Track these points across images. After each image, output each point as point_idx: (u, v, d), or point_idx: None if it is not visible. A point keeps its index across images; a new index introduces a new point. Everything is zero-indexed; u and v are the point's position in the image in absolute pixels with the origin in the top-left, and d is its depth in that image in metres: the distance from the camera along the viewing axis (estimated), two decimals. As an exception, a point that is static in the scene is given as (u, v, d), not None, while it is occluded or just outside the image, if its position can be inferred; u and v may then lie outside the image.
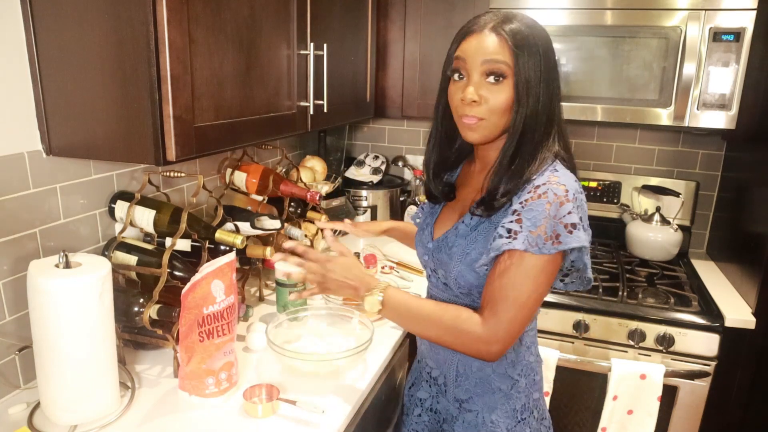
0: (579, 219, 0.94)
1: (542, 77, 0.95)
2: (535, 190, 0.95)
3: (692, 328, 1.69)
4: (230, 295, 1.11)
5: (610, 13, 1.76)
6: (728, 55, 1.68)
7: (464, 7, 1.92)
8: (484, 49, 0.95)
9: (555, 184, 0.94)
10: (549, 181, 0.95)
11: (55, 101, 1.07)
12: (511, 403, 1.10)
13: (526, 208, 0.95)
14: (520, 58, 0.93)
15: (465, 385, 1.12)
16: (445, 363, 1.14)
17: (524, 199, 0.95)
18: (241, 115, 1.19)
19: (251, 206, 1.68)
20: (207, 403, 1.11)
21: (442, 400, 1.19)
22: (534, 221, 0.93)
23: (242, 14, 1.15)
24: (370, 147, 2.58)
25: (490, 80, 0.95)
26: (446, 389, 1.16)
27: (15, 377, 1.14)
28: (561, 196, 0.93)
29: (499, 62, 0.94)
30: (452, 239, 1.07)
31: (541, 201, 0.94)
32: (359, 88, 1.89)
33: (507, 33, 0.94)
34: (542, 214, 0.93)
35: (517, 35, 0.94)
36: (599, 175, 2.26)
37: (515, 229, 0.95)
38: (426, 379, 1.22)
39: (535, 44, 0.94)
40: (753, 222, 1.81)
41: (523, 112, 0.95)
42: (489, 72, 0.95)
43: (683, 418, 1.75)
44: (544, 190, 0.94)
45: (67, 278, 0.95)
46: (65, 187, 1.19)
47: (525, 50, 0.93)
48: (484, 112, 0.97)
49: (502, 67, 0.94)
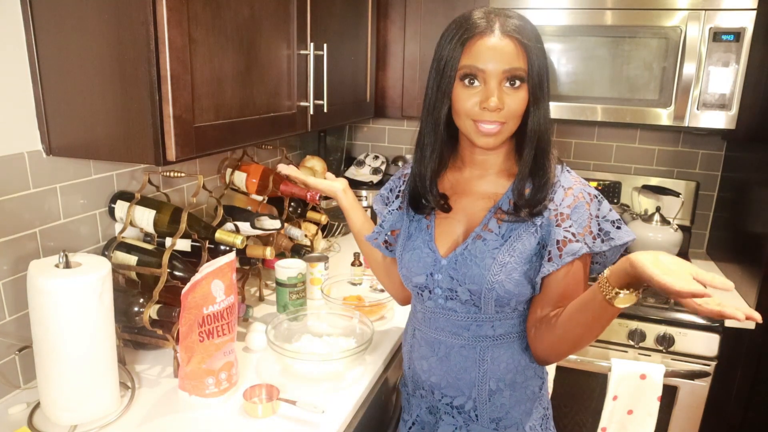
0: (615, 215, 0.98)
1: (547, 75, 0.95)
2: (569, 192, 0.97)
3: (692, 328, 1.69)
4: (230, 295, 1.11)
5: (610, 13, 1.76)
6: (728, 55, 1.68)
7: (464, 7, 1.92)
8: (503, 58, 0.91)
9: (581, 185, 0.99)
10: (576, 182, 0.99)
11: (55, 101, 1.07)
12: (542, 403, 1.11)
13: (574, 210, 0.97)
14: (533, 63, 0.93)
15: (500, 401, 1.06)
16: (475, 386, 1.06)
17: (567, 203, 0.97)
18: (241, 115, 1.19)
19: (251, 206, 1.68)
20: (207, 403, 1.11)
21: (474, 427, 1.09)
22: (580, 222, 0.96)
23: (242, 14, 1.15)
24: (370, 147, 2.58)
25: (507, 85, 0.93)
26: (477, 414, 1.07)
27: (15, 377, 1.14)
28: (594, 195, 0.98)
29: (519, 69, 0.92)
30: (481, 249, 0.99)
31: (581, 202, 0.96)
32: (359, 88, 1.89)
33: (520, 35, 0.92)
34: (585, 214, 0.96)
35: (528, 37, 0.93)
36: (599, 175, 2.26)
37: (578, 232, 0.96)
38: (446, 411, 1.11)
39: (538, 40, 0.94)
40: (753, 222, 1.81)
41: (538, 113, 0.95)
42: (510, 79, 0.93)
43: (683, 418, 1.75)
44: (578, 191, 0.97)
45: (67, 278, 0.95)
46: (65, 187, 1.19)
47: (535, 51, 0.93)
48: (505, 117, 0.94)
49: (521, 74, 0.93)
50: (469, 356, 1.04)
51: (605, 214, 0.97)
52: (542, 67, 0.94)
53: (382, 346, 1.38)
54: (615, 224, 0.97)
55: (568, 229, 0.95)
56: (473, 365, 1.05)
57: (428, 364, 1.09)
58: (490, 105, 0.92)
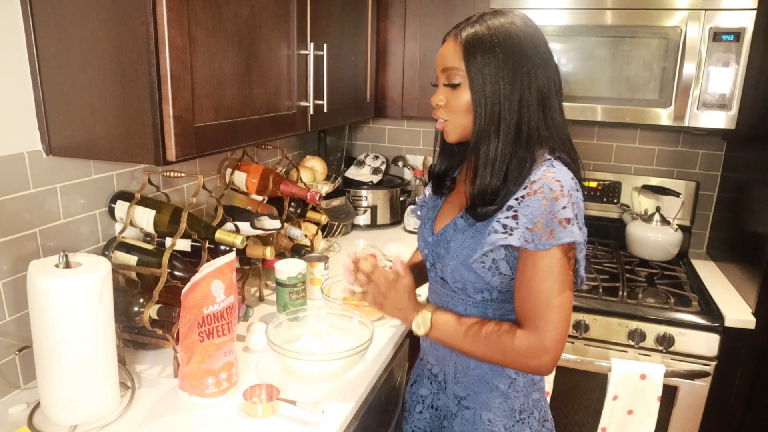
0: (574, 215, 0.93)
1: (503, 77, 0.95)
2: (531, 186, 0.95)
3: (692, 328, 1.69)
4: (230, 295, 1.11)
5: (610, 13, 1.76)
6: (728, 55, 1.68)
7: (464, 7, 1.92)
8: (442, 58, 1.01)
9: (550, 179, 0.94)
10: (545, 176, 0.95)
11: (55, 101, 1.07)
12: (509, 403, 1.10)
13: (523, 204, 0.95)
14: (472, 63, 0.96)
15: (463, 381, 1.12)
16: (444, 359, 1.15)
17: (520, 195, 0.96)
18: (241, 115, 1.19)
19: (251, 206, 1.68)
20: (207, 403, 1.11)
21: (442, 397, 1.19)
22: (531, 217, 0.94)
23: (242, 14, 1.15)
24: (370, 147, 2.58)
25: (447, 84, 1.01)
26: (446, 386, 1.17)
27: (15, 377, 1.14)
28: (556, 191, 0.93)
29: (452, 69, 0.99)
30: (450, 234, 1.07)
31: (538, 197, 0.94)
32: (359, 88, 1.90)
33: (462, 38, 0.98)
34: (539, 209, 0.93)
35: (470, 40, 0.97)
36: (599, 175, 2.26)
37: (511, 225, 0.95)
38: (427, 376, 1.23)
39: (491, 46, 0.95)
40: (753, 222, 1.81)
41: (480, 114, 0.97)
42: (445, 80, 1.01)
43: (683, 418, 1.75)
44: (539, 186, 0.94)
45: (67, 278, 0.95)
46: (65, 187, 1.19)
47: (478, 54, 0.96)
48: (446, 114, 1.03)
49: (455, 74, 0.98)
50: None
51: (557, 210, 0.92)
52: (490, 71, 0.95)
53: (382, 346, 1.38)
54: (562, 223, 0.92)
55: (500, 219, 0.97)
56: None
57: None
58: (432, 102, 1.04)
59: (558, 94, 1.01)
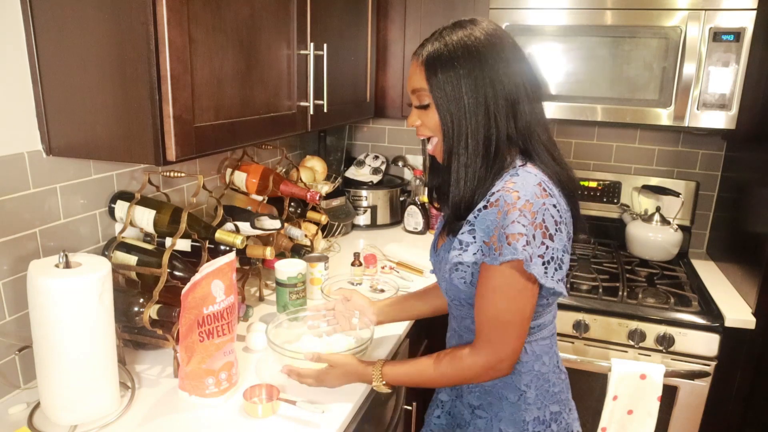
0: (523, 228, 0.89)
1: (466, 92, 0.94)
2: (490, 198, 0.93)
3: (692, 328, 1.69)
4: (230, 295, 1.11)
5: (610, 13, 1.76)
6: (728, 55, 1.68)
7: (464, 7, 1.92)
8: (410, 79, 1.01)
9: (508, 191, 0.91)
10: (504, 187, 0.92)
11: (55, 101, 1.07)
12: (520, 414, 1.06)
13: (479, 218, 0.94)
14: (434, 82, 0.96)
15: (476, 391, 1.12)
16: None
17: (479, 208, 0.95)
18: (241, 115, 1.19)
19: (251, 206, 1.68)
20: (207, 403, 1.11)
21: (458, 404, 1.19)
22: (487, 231, 0.92)
23: (242, 14, 1.15)
24: (370, 147, 2.58)
25: (417, 104, 1.01)
26: (461, 394, 1.17)
27: (15, 377, 1.14)
28: (509, 203, 0.90)
29: (417, 90, 0.99)
30: (443, 252, 1.08)
31: (493, 210, 0.92)
32: (359, 88, 1.90)
33: (423, 58, 0.97)
34: (493, 223, 0.91)
35: (430, 59, 0.96)
36: (599, 175, 2.26)
37: (468, 240, 0.95)
38: None
39: (450, 62, 0.94)
40: (753, 222, 1.81)
41: (447, 131, 0.97)
42: (416, 101, 1.01)
43: (683, 418, 1.75)
44: (497, 197, 0.92)
45: (67, 278, 0.95)
46: (65, 187, 1.19)
47: (439, 72, 0.95)
48: (428, 131, 1.02)
49: (423, 95, 0.98)
50: (457, 342, 1.14)
51: (506, 225, 0.90)
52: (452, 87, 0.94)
53: (382, 346, 1.38)
54: (508, 239, 0.89)
55: (459, 236, 0.97)
56: None
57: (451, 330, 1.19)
58: (407, 124, 1.06)
59: (532, 95, 0.97)
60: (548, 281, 0.92)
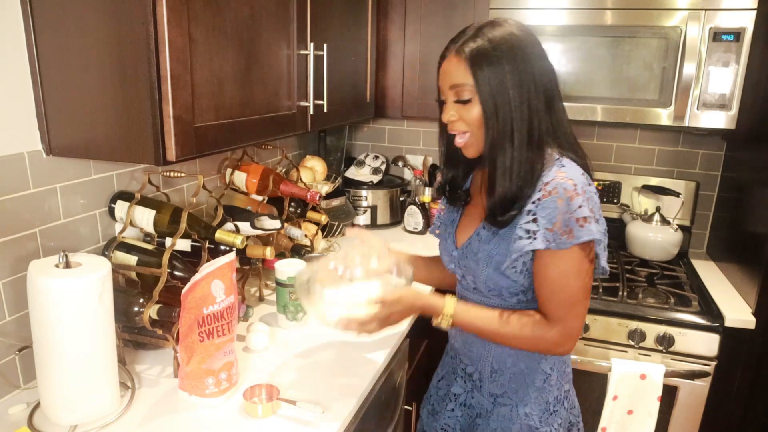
0: (590, 211, 0.98)
1: (511, 87, 0.97)
2: (545, 188, 0.98)
3: (692, 328, 1.69)
4: (230, 295, 1.11)
5: (610, 13, 1.76)
6: (728, 55, 1.68)
7: (464, 7, 1.92)
8: (449, 75, 1.02)
9: (563, 179, 0.98)
10: (557, 176, 0.99)
11: (55, 101, 1.07)
12: (544, 396, 1.14)
13: (540, 206, 0.98)
14: (480, 78, 0.98)
15: (500, 380, 1.16)
16: (480, 360, 1.18)
17: (537, 198, 0.99)
18: (241, 115, 1.19)
19: (251, 206, 1.68)
20: (207, 403, 1.11)
21: (477, 396, 1.22)
22: (549, 218, 0.98)
23: (242, 14, 1.15)
24: (370, 147, 2.58)
25: (456, 101, 1.02)
26: (481, 385, 1.20)
27: (15, 377, 1.14)
28: (570, 190, 0.97)
29: (460, 85, 1.00)
30: (476, 245, 1.10)
31: (553, 198, 0.97)
32: (359, 88, 1.89)
33: (466, 54, 0.99)
34: (555, 210, 0.97)
35: (475, 55, 0.98)
36: (599, 175, 2.26)
37: (533, 229, 0.99)
38: (461, 375, 1.26)
39: (497, 58, 0.97)
40: (753, 222, 1.81)
41: (493, 126, 0.99)
42: (455, 97, 1.02)
43: (683, 418, 1.75)
44: (553, 186, 0.98)
45: (67, 278, 0.95)
46: (65, 187, 1.19)
47: (485, 68, 0.97)
48: (466, 126, 1.03)
49: (465, 89, 1.00)
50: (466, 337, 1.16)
51: (574, 210, 0.97)
52: (499, 82, 0.97)
53: (381, 347, 1.38)
54: (579, 222, 0.97)
55: (522, 225, 1.00)
56: (479, 341, 1.16)
57: (455, 329, 1.21)
58: (444, 118, 1.05)
59: (560, 92, 1.04)
60: (603, 260, 1.04)
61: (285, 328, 1.46)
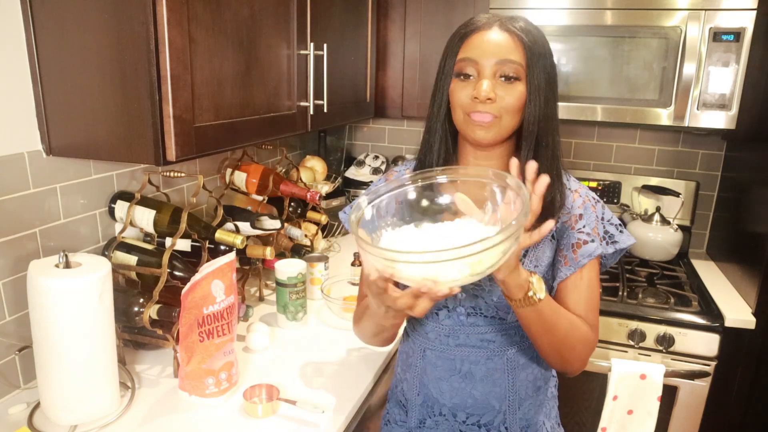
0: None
1: (549, 79, 0.92)
2: (577, 194, 0.98)
3: (692, 328, 1.69)
4: (230, 295, 1.11)
5: (610, 13, 1.76)
6: (728, 55, 1.68)
7: (464, 7, 1.92)
8: (497, 48, 0.89)
9: (584, 188, 0.98)
10: (578, 185, 0.99)
11: (55, 101, 1.07)
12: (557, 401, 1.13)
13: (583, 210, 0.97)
14: (533, 60, 0.89)
15: (527, 406, 1.04)
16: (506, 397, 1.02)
17: (578, 204, 0.97)
18: (241, 115, 1.19)
19: (251, 206, 1.68)
20: (207, 403, 1.11)
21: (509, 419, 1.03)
22: (588, 224, 0.96)
23: (242, 14, 1.15)
24: (370, 147, 2.58)
25: (502, 79, 0.90)
26: (507, 426, 1.03)
27: (15, 377, 1.14)
28: (597, 198, 0.98)
29: (513, 63, 0.88)
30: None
31: (588, 204, 0.97)
32: (359, 88, 1.89)
33: (519, 31, 0.89)
34: (592, 216, 0.97)
35: (529, 35, 0.89)
36: (599, 175, 2.26)
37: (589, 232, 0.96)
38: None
39: (543, 45, 0.91)
40: (753, 222, 1.81)
41: (534, 114, 0.90)
42: (502, 73, 0.89)
43: (683, 418, 1.75)
44: (584, 194, 0.98)
45: (67, 278, 0.95)
46: (65, 187, 1.19)
47: (537, 51, 0.89)
48: (498, 110, 0.90)
49: (517, 68, 0.89)
50: (497, 367, 0.99)
51: (609, 217, 0.98)
52: (544, 71, 0.90)
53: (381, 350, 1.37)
54: (618, 228, 0.98)
55: (581, 230, 0.96)
56: (502, 375, 1.00)
57: (449, 384, 1.01)
58: (481, 93, 0.88)
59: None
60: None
61: (285, 328, 1.46)
